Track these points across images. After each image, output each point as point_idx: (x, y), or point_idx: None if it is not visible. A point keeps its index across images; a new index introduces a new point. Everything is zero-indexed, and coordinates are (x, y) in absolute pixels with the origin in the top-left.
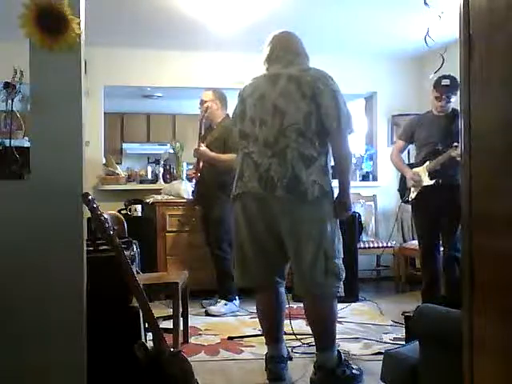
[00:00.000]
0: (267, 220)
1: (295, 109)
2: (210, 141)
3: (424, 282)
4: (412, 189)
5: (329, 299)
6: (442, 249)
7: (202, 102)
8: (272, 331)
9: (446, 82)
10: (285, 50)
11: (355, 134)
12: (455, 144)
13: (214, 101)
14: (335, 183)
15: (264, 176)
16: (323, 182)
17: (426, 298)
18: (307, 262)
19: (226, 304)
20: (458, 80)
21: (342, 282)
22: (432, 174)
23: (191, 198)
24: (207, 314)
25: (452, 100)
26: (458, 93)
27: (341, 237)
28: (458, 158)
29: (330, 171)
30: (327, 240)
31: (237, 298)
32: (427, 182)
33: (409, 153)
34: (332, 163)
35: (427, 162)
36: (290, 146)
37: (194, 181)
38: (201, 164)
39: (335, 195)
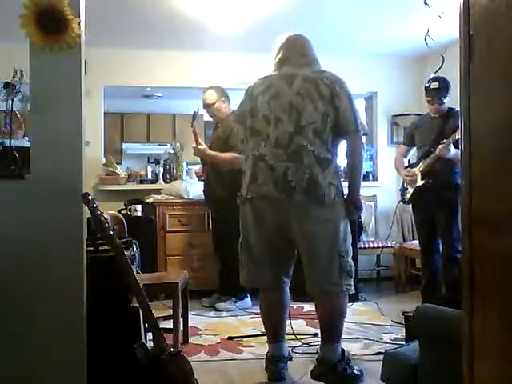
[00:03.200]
0: (280, 222)
1: (313, 108)
2: (213, 140)
3: (424, 281)
4: (408, 189)
5: (342, 297)
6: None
7: (208, 106)
8: (275, 330)
9: (434, 85)
10: (297, 51)
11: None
12: (441, 142)
13: (220, 99)
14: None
15: (281, 180)
16: (338, 183)
17: (426, 298)
18: (323, 262)
19: (235, 301)
20: (449, 80)
21: (352, 280)
22: (423, 175)
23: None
24: (216, 309)
25: (445, 101)
26: (453, 92)
27: (350, 236)
28: (438, 153)
29: (340, 171)
30: (341, 239)
31: (248, 296)
32: (419, 182)
33: None
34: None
35: (420, 163)
36: (305, 148)
37: (202, 181)
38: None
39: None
